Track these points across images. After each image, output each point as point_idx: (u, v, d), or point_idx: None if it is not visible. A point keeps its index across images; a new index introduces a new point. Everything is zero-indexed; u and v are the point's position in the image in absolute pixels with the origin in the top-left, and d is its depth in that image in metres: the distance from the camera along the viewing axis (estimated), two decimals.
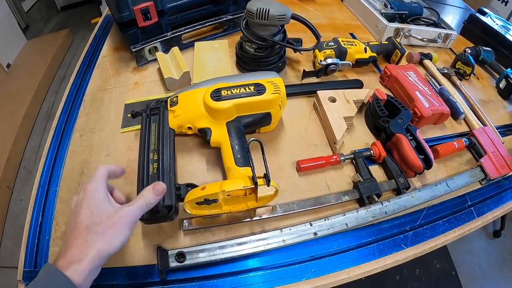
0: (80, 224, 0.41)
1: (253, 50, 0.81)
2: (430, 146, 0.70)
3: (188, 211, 0.56)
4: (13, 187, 1.82)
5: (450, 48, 1.10)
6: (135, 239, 0.59)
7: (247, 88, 0.63)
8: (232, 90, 0.62)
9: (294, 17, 0.77)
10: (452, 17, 1.37)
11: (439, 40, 1.07)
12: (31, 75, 2.27)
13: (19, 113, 2.01)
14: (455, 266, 1.59)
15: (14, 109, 2.04)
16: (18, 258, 0.59)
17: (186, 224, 0.59)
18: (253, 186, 0.52)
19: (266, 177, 0.51)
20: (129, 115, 0.70)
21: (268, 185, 0.51)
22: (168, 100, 0.67)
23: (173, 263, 0.54)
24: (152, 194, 0.47)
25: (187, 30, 0.93)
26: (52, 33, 2.80)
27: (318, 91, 0.77)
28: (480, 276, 1.58)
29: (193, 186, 0.58)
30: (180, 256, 0.55)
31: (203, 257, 0.55)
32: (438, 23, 1.12)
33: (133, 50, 0.86)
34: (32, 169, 1.90)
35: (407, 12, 1.13)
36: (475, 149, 0.77)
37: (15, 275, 0.57)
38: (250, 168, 0.56)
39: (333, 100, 0.76)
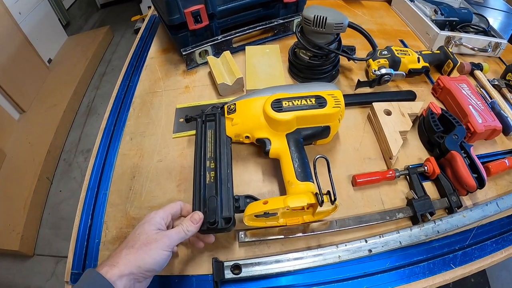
0: (126, 241, 0.47)
1: (308, 58, 0.80)
2: (482, 163, 0.67)
3: (245, 223, 0.55)
4: (53, 178, 1.89)
5: (499, 57, 1.05)
6: (189, 248, 0.59)
7: (308, 100, 0.62)
8: (294, 101, 0.62)
9: (351, 26, 0.75)
10: (493, 19, 1.29)
11: (489, 49, 1.01)
12: (71, 71, 2.34)
13: (60, 107, 2.08)
14: (489, 282, 1.52)
15: (55, 103, 2.11)
16: (55, 247, 0.61)
17: (242, 236, 0.59)
18: (318, 203, 0.51)
19: (331, 195, 0.50)
20: (182, 119, 0.70)
21: (333, 203, 0.50)
22: (225, 107, 0.67)
23: (229, 275, 0.54)
24: (190, 222, 0.50)
25: (237, 34, 0.92)
26: (92, 29, 2.88)
27: (373, 103, 0.75)
28: None
29: (251, 198, 0.57)
30: (236, 268, 0.54)
31: (258, 270, 0.54)
32: (488, 31, 1.07)
33: (184, 53, 0.87)
34: (71, 161, 1.96)
35: (457, 19, 1.08)
36: None
37: (52, 263, 0.59)
38: (310, 183, 0.55)
39: (388, 113, 0.74)
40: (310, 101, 0.62)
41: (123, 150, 0.75)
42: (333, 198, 0.51)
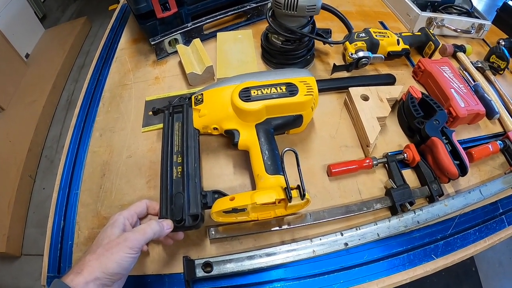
0: (91, 246, 0.45)
1: (280, 43, 0.76)
2: (464, 149, 0.66)
3: (214, 220, 0.53)
4: (35, 176, 1.84)
5: (483, 39, 1.03)
6: (160, 247, 0.57)
7: (278, 88, 0.59)
8: (263, 90, 0.58)
9: (325, 8, 0.71)
10: (477, 0, 1.27)
11: (472, 30, 0.99)
12: (50, 64, 2.27)
13: (39, 103, 2.02)
14: (475, 262, 1.54)
15: (34, 99, 2.04)
16: (42, 246, 0.60)
17: (213, 232, 0.56)
18: (286, 198, 0.48)
19: (301, 190, 0.48)
20: (150, 112, 0.68)
21: (303, 199, 0.48)
22: (193, 97, 0.64)
23: (200, 273, 0.52)
24: (157, 225, 0.48)
25: (208, 20, 0.88)
26: (69, 21, 2.79)
27: (350, 88, 0.72)
28: (500, 273, 1.53)
29: (219, 193, 0.55)
30: (207, 266, 0.53)
31: (230, 268, 0.53)
32: (471, 12, 1.04)
33: (152, 43, 0.83)
34: (53, 158, 1.92)
35: None
36: (509, 152, 0.72)
37: (39, 263, 0.58)
38: (281, 176, 0.53)
39: (365, 98, 0.71)
40: (281, 89, 0.59)
41: (93, 147, 0.72)
42: (302, 194, 0.48)
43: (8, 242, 1.50)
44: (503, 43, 0.93)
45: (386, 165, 0.66)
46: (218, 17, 0.89)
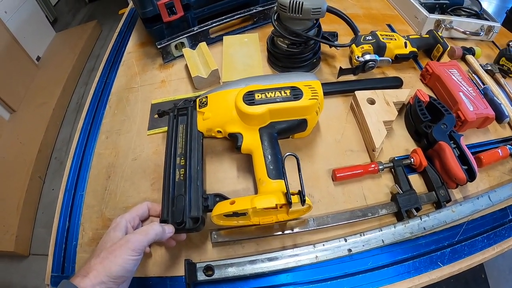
0: (96, 250, 0.46)
1: (286, 46, 0.76)
2: (473, 153, 0.64)
3: (215, 223, 0.53)
4: (45, 177, 1.87)
5: (492, 41, 1.01)
6: (163, 249, 0.57)
7: (282, 92, 0.58)
8: (267, 93, 0.58)
9: (330, 10, 0.71)
10: (487, 3, 1.25)
11: (481, 33, 0.97)
12: (60, 67, 2.30)
13: (49, 105, 2.05)
14: (485, 269, 1.49)
15: (45, 101, 2.08)
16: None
17: (215, 236, 0.56)
18: (287, 203, 0.48)
19: (301, 195, 0.47)
20: (156, 115, 0.68)
21: (303, 204, 0.47)
22: (197, 100, 0.64)
23: (201, 277, 0.52)
24: (160, 227, 0.48)
25: (214, 24, 0.89)
26: (80, 25, 2.83)
27: (356, 92, 0.71)
28: (510, 280, 1.48)
29: (221, 197, 0.54)
30: (209, 269, 0.52)
31: (232, 272, 0.52)
32: (480, 14, 1.02)
33: (159, 46, 0.84)
34: (63, 159, 1.94)
35: (447, 1, 1.04)
36: None
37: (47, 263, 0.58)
38: (283, 181, 0.52)
39: (372, 102, 0.71)
40: (285, 93, 0.58)
41: (99, 149, 0.73)
42: (303, 200, 0.48)
43: (17, 242, 1.52)
44: None
45: (392, 170, 0.65)
46: (224, 20, 0.89)
